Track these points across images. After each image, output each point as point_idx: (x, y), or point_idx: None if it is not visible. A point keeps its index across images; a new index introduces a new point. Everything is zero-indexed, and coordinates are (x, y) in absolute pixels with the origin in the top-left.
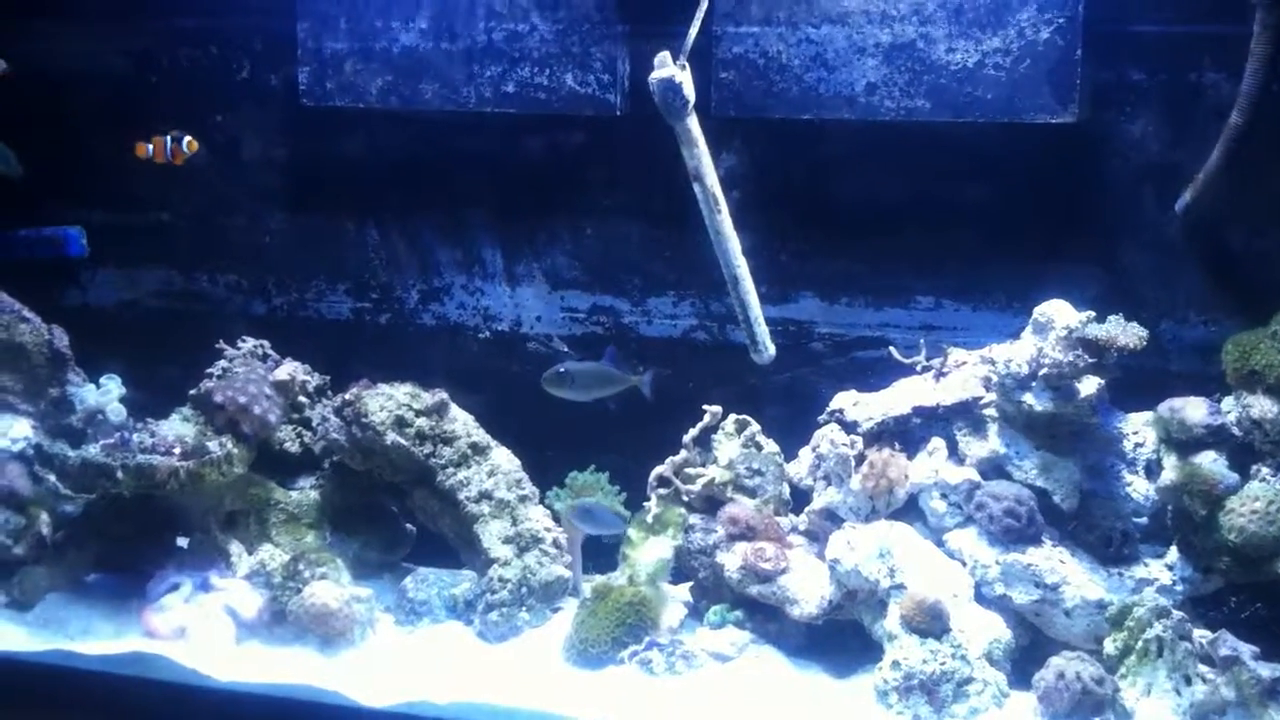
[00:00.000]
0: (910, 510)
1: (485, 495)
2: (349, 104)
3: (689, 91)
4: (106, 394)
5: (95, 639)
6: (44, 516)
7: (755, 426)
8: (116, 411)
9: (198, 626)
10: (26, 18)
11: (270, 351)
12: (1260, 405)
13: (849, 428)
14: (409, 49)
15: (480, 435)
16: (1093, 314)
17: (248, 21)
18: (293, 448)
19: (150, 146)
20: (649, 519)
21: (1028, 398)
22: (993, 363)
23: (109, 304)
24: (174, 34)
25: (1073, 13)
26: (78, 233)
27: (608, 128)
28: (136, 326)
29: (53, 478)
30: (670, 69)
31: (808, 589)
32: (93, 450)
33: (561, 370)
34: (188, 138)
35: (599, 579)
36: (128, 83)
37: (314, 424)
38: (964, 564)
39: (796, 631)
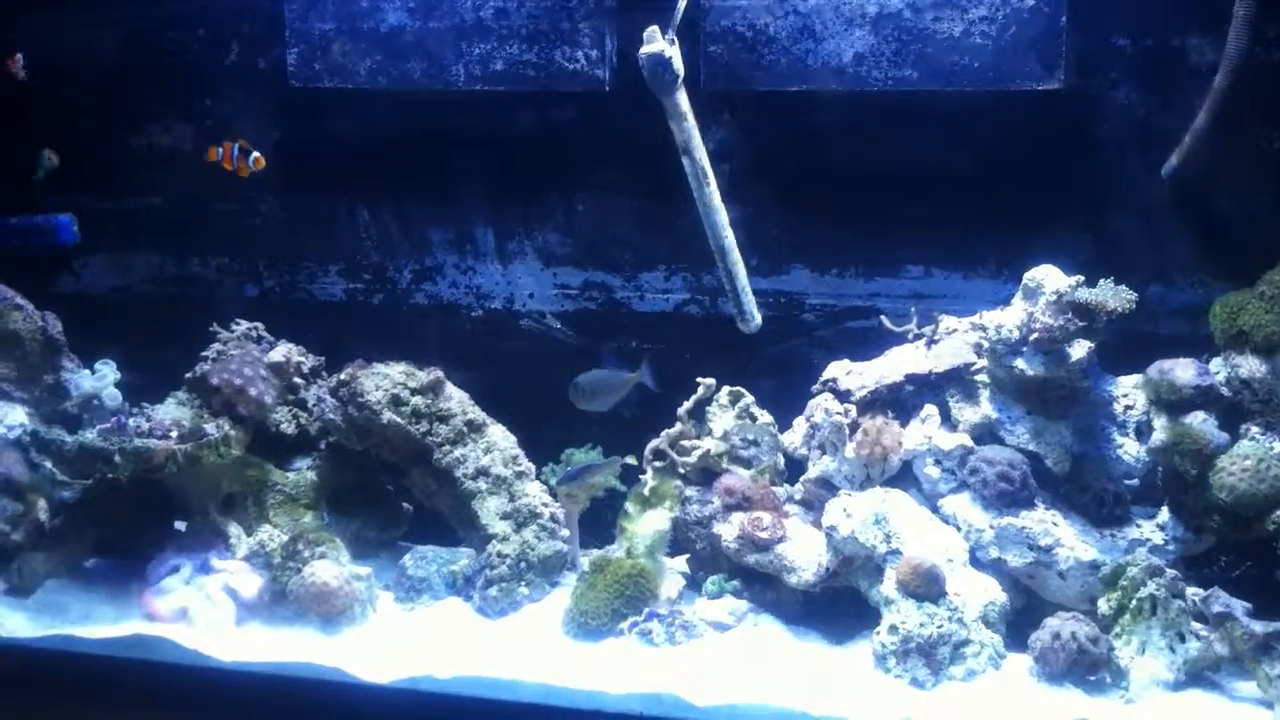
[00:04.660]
0: (904, 477)
1: (482, 472)
2: (338, 85)
3: (678, 66)
4: (102, 379)
5: (96, 623)
6: (41, 503)
7: (749, 398)
8: (112, 396)
9: (199, 608)
10: (15, 3)
11: (264, 334)
12: (1248, 365)
13: (842, 397)
14: (397, 28)
15: (476, 413)
16: (1082, 278)
17: (236, 4)
18: (289, 429)
19: (220, 150)
20: (645, 492)
21: (1019, 363)
22: (983, 329)
23: (102, 290)
24: (162, 17)
25: None
26: (69, 219)
27: (597, 103)
28: (130, 312)
29: (49, 464)
30: (659, 44)
31: (805, 557)
32: (90, 435)
33: (573, 384)
34: (256, 154)
35: (596, 553)
36: (117, 67)
37: (310, 405)
38: (958, 529)
39: (794, 599)
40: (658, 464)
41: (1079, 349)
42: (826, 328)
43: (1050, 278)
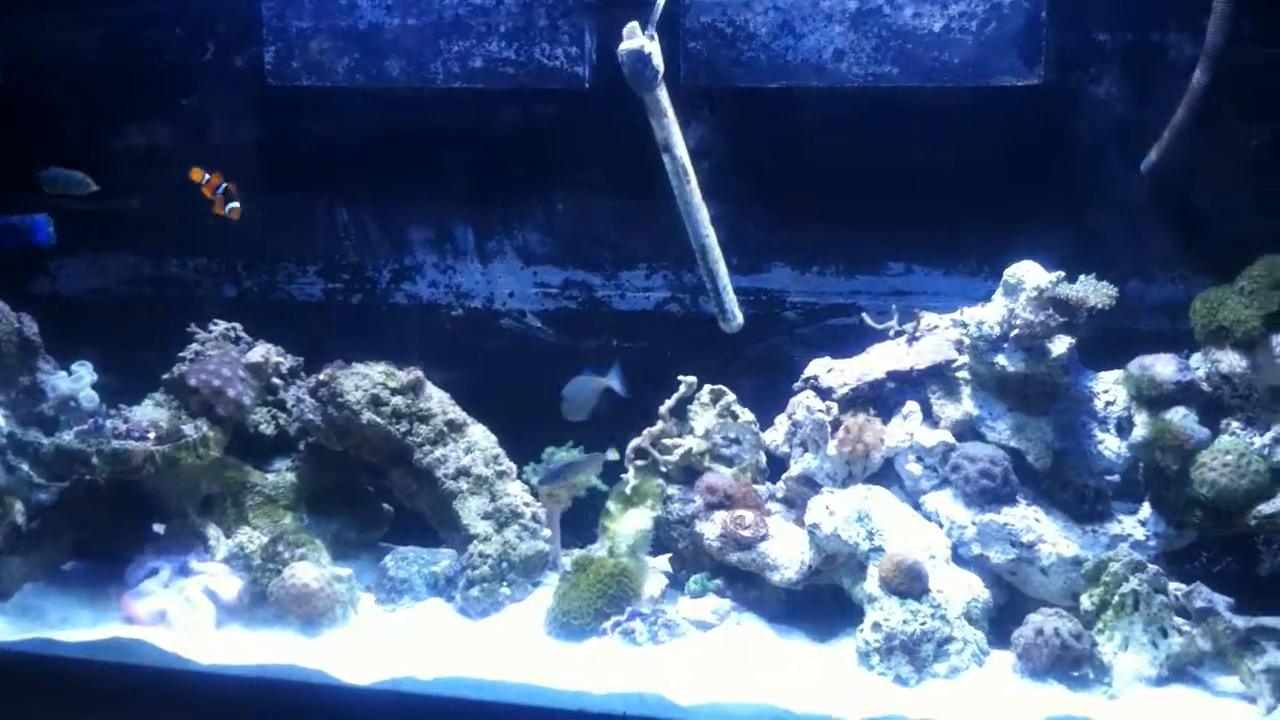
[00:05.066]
0: (886, 474)
1: (463, 472)
2: (315, 83)
3: (658, 62)
4: (79, 381)
5: (75, 626)
6: (18, 505)
7: (731, 396)
8: (89, 398)
9: (178, 610)
10: None
11: (242, 334)
12: (1228, 360)
13: (824, 394)
14: (375, 26)
15: (456, 412)
16: (1063, 274)
17: (212, 2)
18: (268, 430)
19: (206, 176)
20: (627, 490)
21: (1000, 359)
22: (964, 325)
23: (79, 291)
24: (138, 16)
25: None
26: (44, 220)
27: (576, 101)
28: (107, 313)
29: (26, 466)
30: (639, 40)
31: (787, 555)
32: (67, 437)
33: (561, 400)
34: (235, 204)
35: (579, 552)
36: (93, 67)
37: (289, 405)
38: (941, 525)
39: (777, 597)
40: (640, 462)
41: (1060, 345)
42: (808, 325)
43: (1031, 274)
